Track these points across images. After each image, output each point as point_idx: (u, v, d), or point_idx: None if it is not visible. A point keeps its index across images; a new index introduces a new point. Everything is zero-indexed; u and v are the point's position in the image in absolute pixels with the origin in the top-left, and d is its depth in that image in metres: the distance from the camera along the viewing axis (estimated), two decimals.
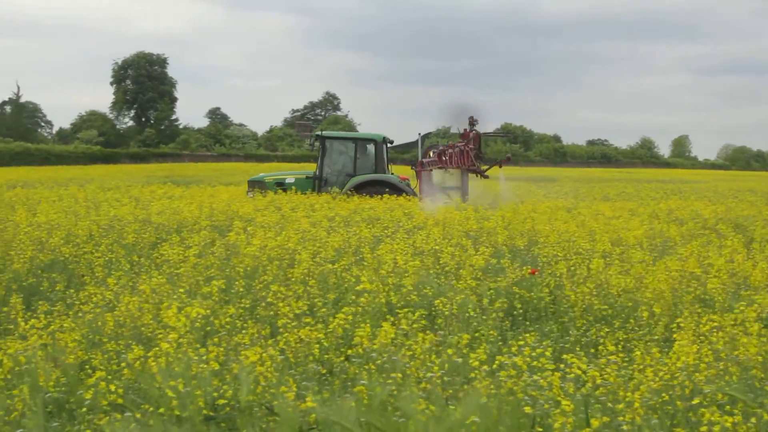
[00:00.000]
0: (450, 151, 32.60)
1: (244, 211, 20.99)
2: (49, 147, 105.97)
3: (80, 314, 9.78)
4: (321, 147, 31.60)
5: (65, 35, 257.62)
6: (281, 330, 9.31)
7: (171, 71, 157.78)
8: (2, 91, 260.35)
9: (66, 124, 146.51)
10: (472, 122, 34.16)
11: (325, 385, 8.22)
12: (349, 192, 29.42)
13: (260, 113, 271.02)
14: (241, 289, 11.42)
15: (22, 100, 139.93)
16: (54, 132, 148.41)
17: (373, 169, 31.64)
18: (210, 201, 23.96)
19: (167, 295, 10.59)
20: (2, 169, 70.97)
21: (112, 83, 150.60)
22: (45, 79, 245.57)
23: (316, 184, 31.00)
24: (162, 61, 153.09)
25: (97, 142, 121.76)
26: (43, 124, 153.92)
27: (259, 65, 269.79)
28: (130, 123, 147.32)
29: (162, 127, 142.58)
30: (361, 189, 29.81)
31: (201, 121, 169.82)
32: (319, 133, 32.61)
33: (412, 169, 33.58)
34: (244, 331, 9.29)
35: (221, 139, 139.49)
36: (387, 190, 29.49)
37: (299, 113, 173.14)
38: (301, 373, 8.26)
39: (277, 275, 12.44)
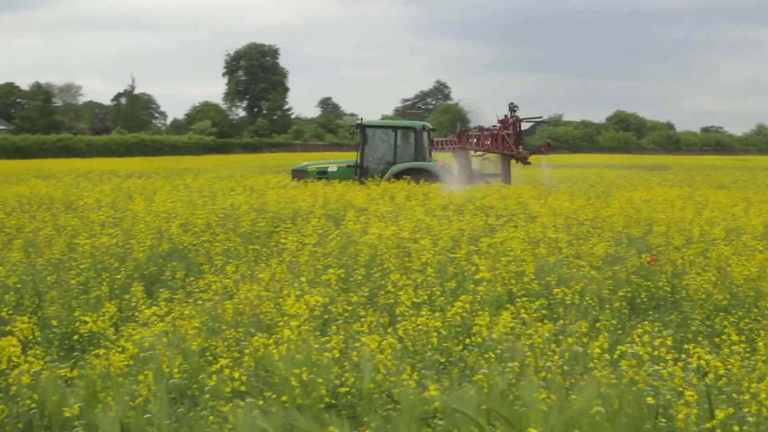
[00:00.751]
0: (479, 133, 33.04)
1: (358, 201, 21.07)
2: (164, 138, 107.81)
3: (200, 302, 9.90)
4: (362, 136, 32.18)
5: (179, 27, 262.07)
6: (399, 318, 9.30)
7: (282, 62, 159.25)
8: (118, 83, 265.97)
9: (180, 115, 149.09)
10: (512, 108, 34.74)
11: (444, 374, 8.19)
12: (390, 179, 29.63)
13: (371, 103, 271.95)
14: (360, 278, 11.45)
15: (137, 91, 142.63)
16: (168, 123, 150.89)
17: (413, 157, 32.05)
18: (324, 190, 24.10)
19: (287, 284, 10.68)
20: (119, 159, 72.47)
21: (224, 74, 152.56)
22: (159, 70, 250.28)
23: (358, 172, 31.61)
24: (273, 52, 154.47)
25: (210, 133, 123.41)
26: (157, 115, 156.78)
27: (370, 55, 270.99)
28: (243, 113, 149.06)
29: (274, 117, 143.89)
30: (400, 177, 29.95)
31: (313, 111, 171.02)
32: (359, 122, 33.02)
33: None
34: (363, 319, 9.31)
35: (333, 128, 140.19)
36: (423, 178, 29.50)
37: (410, 102, 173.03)
38: (420, 361, 8.25)
39: (397, 264, 12.45)
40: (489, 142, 33.24)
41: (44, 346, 9.00)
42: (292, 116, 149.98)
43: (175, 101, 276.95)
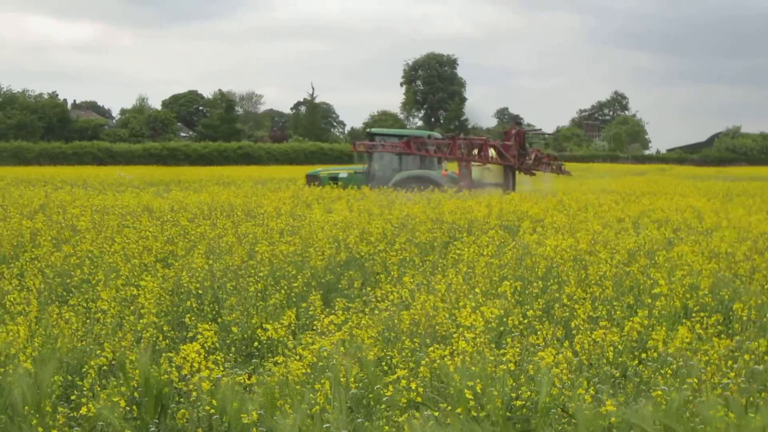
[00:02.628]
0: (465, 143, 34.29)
1: (534, 212, 20.95)
2: (342, 146, 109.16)
3: (376, 312, 10.00)
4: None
5: (360, 38, 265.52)
6: (575, 332, 9.21)
7: (461, 72, 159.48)
8: (298, 91, 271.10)
9: (358, 124, 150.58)
10: (517, 121, 35.20)
11: (619, 389, 8.07)
12: (394, 187, 30.72)
13: (547, 113, 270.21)
14: (536, 290, 11.37)
15: (317, 100, 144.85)
16: (346, 132, 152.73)
17: (419, 165, 33.79)
18: (499, 201, 24.06)
19: (463, 295, 10.69)
20: (297, 167, 73.77)
21: (402, 84, 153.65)
22: (339, 80, 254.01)
23: (366, 178, 33.48)
24: (452, 62, 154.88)
25: None
26: (335, 124, 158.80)
27: (546, 65, 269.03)
28: (420, 123, 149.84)
29: (451, 127, 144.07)
30: (404, 184, 31.13)
31: (489, 121, 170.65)
32: (369, 130, 36.32)
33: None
34: (538, 332, 9.25)
35: None
36: (431, 186, 30.36)
37: (586, 113, 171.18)
38: (595, 375, 8.15)
39: (574, 277, 12.32)
40: (475, 153, 34.57)
41: (223, 352, 9.22)
42: (469, 126, 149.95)
43: (353, 110, 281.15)
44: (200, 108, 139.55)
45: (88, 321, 10.01)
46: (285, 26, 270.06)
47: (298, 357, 7.72)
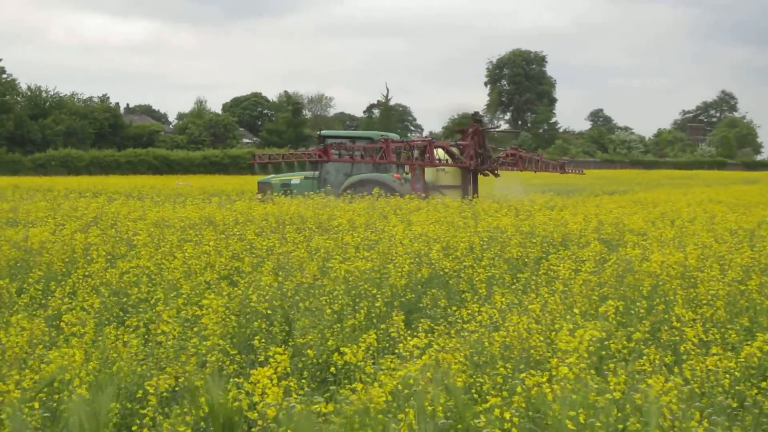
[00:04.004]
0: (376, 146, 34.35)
1: (635, 224, 20.79)
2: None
3: (464, 333, 9.97)
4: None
5: (438, 34, 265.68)
6: (685, 357, 9.11)
7: (550, 70, 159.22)
8: (371, 93, 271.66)
9: (437, 128, 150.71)
10: (476, 118, 37.79)
11: (736, 421, 7.97)
12: (344, 192, 31.92)
13: (647, 115, 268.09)
14: (641, 311, 11.26)
15: (391, 102, 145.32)
16: (424, 136, 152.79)
17: (370, 169, 34.69)
18: (596, 212, 23.90)
19: (559, 315, 10.63)
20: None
21: (486, 83, 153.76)
22: (415, 80, 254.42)
23: (316, 184, 34.76)
24: (540, 60, 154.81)
25: None
26: (412, 128, 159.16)
27: (646, 63, 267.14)
28: (506, 126, 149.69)
29: (540, 131, 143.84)
30: (355, 189, 32.28)
31: (582, 125, 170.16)
32: (319, 133, 37.11)
33: None
34: (644, 357, 9.15)
35: (604, 143, 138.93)
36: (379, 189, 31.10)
37: (691, 115, 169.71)
38: (709, 405, 8.05)
39: (682, 296, 12.20)
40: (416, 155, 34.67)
41: (296, 377, 9.25)
42: (560, 130, 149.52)
43: (432, 113, 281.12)
44: (264, 111, 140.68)
45: (148, 343, 10.11)
46: (357, 23, 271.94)
47: (378, 383, 7.71)
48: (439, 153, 36.17)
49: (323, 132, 38.25)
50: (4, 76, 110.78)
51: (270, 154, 36.30)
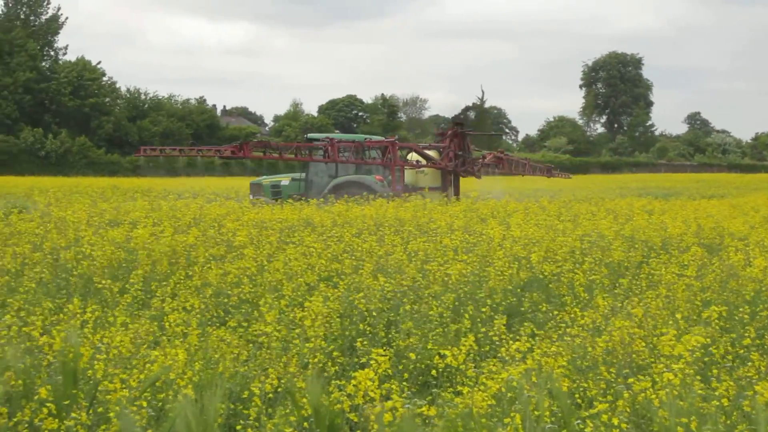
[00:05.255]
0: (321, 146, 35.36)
1: (736, 228, 20.49)
2: (515, 155, 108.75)
3: (566, 338, 9.90)
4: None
5: (533, 36, 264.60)
6: None
7: (646, 73, 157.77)
8: (466, 95, 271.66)
9: (532, 131, 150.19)
10: (457, 121, 38.46)
11: None
12: (329, 193, 32.61)
13: (745, 118, 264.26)
14: (745, 317, 11.09)
15: (486, 105, 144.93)
16: (519, 139, 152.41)
17: (354, 170, 35.40)
18: (695, 215, 23.60)
19: (662, 320, 10.51)
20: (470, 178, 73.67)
21: (581, 86, 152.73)
22: (511, 82, 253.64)
23: (303, 186, 35.53)
24: (636, 62, 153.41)
25: (565, 151, 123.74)
26: (507, 130, 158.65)
27: (744, 65, 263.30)
28: (601, 129, 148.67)
29: (636, 134, 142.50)
30: (338, 191, 33.00)
31: (679, 128, 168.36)
32: (307, 136, 39.16)
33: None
34: (749, 364, 9.01)
35: (701, 147, 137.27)
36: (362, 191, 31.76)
37: None
38: None
39: None
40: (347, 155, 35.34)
41: (397, 380, 9.24)
42: (656, 133, 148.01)
43: (527, 116, 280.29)
44: (359, 114, 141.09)
45: (250, 344, 10.18)
46: (452, 26, 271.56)
47: (482, 387, 7.67)
48: (413, 156, 37.15)
49: (309, 135, 40.14)
50: (105, 79, 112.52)
51: (161, 147, 37.03)
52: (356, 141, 36.19)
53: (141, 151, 37.52)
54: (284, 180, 36.98)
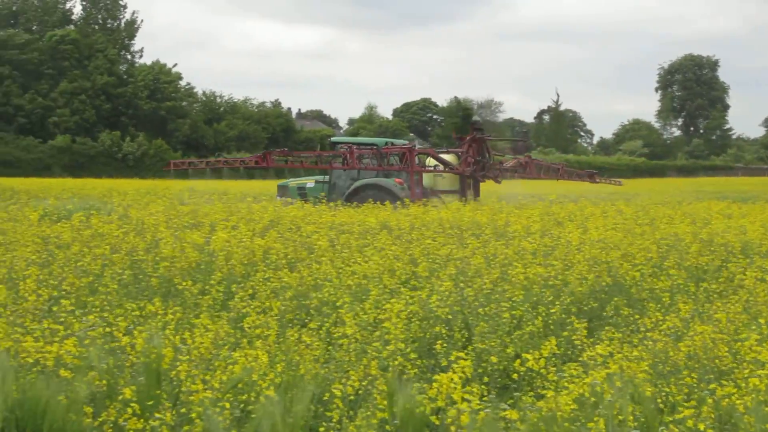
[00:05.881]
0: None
1: None
2: (590, 159, 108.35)
3: (648, 342, 9.83)
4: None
5: (609, 38, 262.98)
6: None
7: (722, 75, 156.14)
8: (541, 98, 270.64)
9: (607, 134, 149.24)
10: (476, 126, 38.27)
11: None
12: (350, 196, 33.51)
13: None
14: None
15: (562, 108, 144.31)
16: (594, 142, 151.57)
17: (375, 174, 36.08)
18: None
19: (743, 325, 10.40)
20: (540, 182, 73.25)
21: (657, 89, 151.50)
22: (586, 85, 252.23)
23: (327, 188, 35.93)
24: (712, 65, 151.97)
25: (641, 154, 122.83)
26: (582, 133, 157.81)
27: None
28: (677, 132, 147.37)
29: (712, 138, 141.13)
30: (359, 194, 33.59)
31: (756, 131, 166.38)
32: (330, 139, 39.81)
33: None
34: None
35: None
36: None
37: None
38: None
39: None
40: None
41: (477, 383, 9.22)
42: (733, 136, 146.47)
43: (602, 119, 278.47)
44: (434, 117, 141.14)
45: (330, 346, 10.21)
46: (527, 28, 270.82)
47: (564, 391, 7.64)
48: (430, 161, 37.35)
49: (333, 138, 41.00)
50: (182, 83, 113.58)
51: (190, 161, 37.86)
52: (374, 147, 36.49)
53: (170, 165, 38.22)
54: (309, 182, 37.56)
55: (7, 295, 11.73)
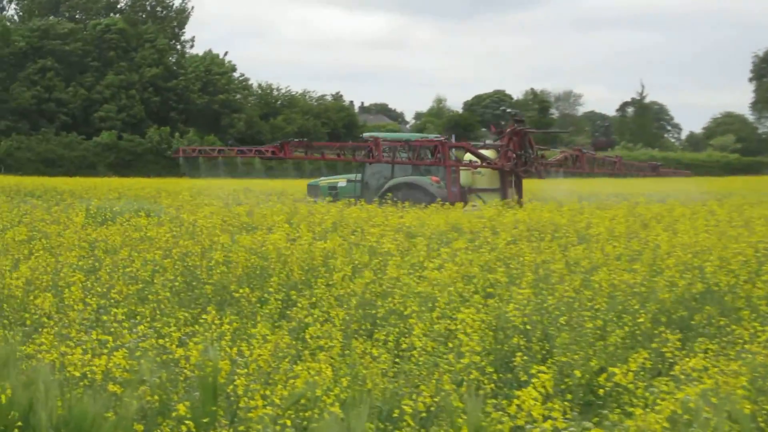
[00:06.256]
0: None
1: None
2: (678, 155, 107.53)
3: (745, 355, 9.73)
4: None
5: (697, 26, 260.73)
6: None
7: None
8: (624, 90, 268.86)
9: (697, 128, 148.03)
10: (517, 119, 38.00)
11: None
12: (384, 194, 32.73)
13: None
14: None
15: (647, 100, 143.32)
16: (683, 137, 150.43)
17: (410, 172, 36.67)
18: None
19: None
20: (622, 180, 72.77)
21: (751, 79, 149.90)
22: (672, 76, 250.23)
23: (359, 187, 36.51)
24: None
25: (734, 150, 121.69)
26: (669, 128, 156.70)
27: None
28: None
29: None
30: (392, 193, 32.96)
31: None
32: (362, 136, 40.61)
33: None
34: None
35: None
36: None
37: None
38: None
39: None
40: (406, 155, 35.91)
41: (559, 399, 9.17)
42: None
43: (691, 112, 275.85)
44: (508, 110, 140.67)
45: (399, 359, 10.20)
46: (610, 14, 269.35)
47: (655, 408, 7.59)
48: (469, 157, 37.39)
49: (365, 134, 41.34)
50: (236, 74, 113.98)
51: (200, 147, 37.83)
52: (406, 141, 37.14)
53: (180, 152, 38.53)
54: (341, 181, 38.32)
55: (51, 304, 11.84)
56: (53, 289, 13.30)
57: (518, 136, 37.04)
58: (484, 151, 37.48)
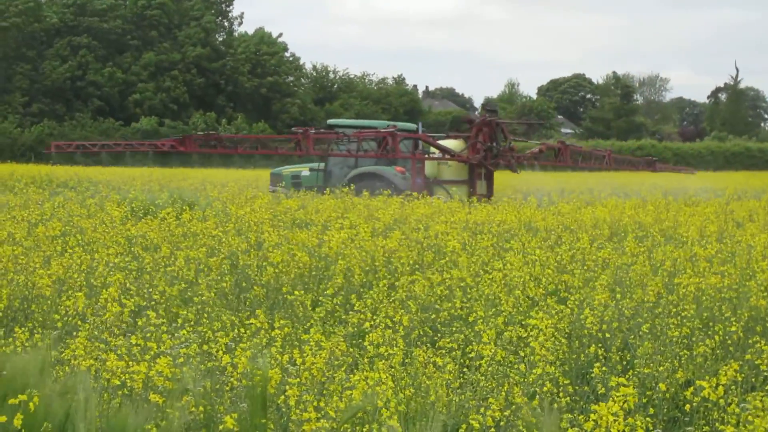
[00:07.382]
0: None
1: None
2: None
3: None
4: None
5: None
6: None
7: None
8: (717, 74, 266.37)
9: None
10: (489, 108, 39.43)
11: None
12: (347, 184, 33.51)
13: None
14: None
15: (741, 85, 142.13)
16: None
17: (374, 162, 37.47)
18: None
19: None
20: (715, 174, 72.19)
21: None
22: None
23: (322, 176, 37.42)
24: None
25: None
26: (766, 116, 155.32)
27: None
28: None
29: None
30: (356, 182, 34.58)
31: None
32: (329, 122, 42.05)
33: None
34: None
35: None
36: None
37: None
38: None
39: None
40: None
41: (641, 414, 9.17)
42: None
43: None
44: (588, 96, 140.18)
45: (465, 368, 10.23)
46: None
47: (749, 426, 7.59)
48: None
49: (330, 121, 42.61)
50: (287, 55, 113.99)
51: (76, 143, 37.99)
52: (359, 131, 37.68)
53: (52, 148, 38.56)
54: (304, 170, 39.24)
55: (86, 305, 11.92)
56: (88, 288, 13.41)
57: (489, 127, 37.66)
58: (449, 142, 38.43)
